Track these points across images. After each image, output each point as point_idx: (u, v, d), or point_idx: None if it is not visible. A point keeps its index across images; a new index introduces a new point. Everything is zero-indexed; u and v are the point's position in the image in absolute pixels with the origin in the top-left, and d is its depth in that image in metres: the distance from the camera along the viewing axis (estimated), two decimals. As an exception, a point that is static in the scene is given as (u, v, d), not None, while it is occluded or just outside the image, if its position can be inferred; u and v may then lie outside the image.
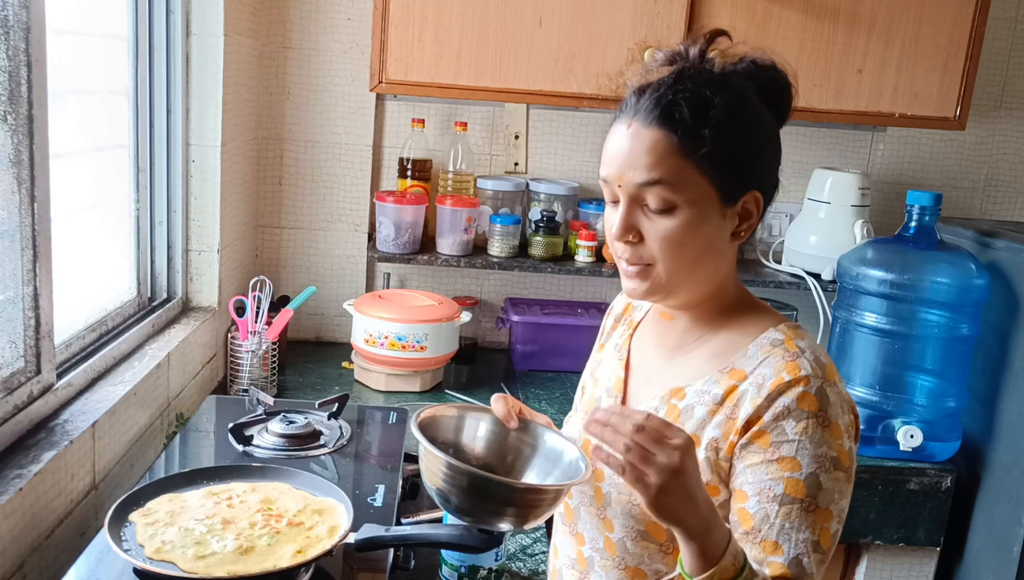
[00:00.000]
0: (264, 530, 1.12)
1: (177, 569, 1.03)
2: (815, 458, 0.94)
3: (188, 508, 1.16)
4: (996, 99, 2.36)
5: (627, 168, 0.97)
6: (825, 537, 0.95)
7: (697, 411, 1.01)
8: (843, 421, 0.96)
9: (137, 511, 1.15)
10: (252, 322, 1.93)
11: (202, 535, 1.10)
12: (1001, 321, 1.89)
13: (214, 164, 1.87)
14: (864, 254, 1.95)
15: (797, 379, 0.95)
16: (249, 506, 1.18)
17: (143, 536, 1.09)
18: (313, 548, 1.09)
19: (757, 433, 0.96)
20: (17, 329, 1.24)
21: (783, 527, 0.93)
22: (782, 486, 0.94)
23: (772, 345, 1.00)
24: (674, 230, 0.97)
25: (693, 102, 0.95)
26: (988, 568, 1.89)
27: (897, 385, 1.91)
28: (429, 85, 2.01)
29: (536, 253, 2.23)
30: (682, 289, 1.02)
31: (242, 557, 1.06)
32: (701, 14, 1.97)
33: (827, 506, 0.95)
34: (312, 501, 1.21)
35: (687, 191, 0.95)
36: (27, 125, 1.21)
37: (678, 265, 0.99)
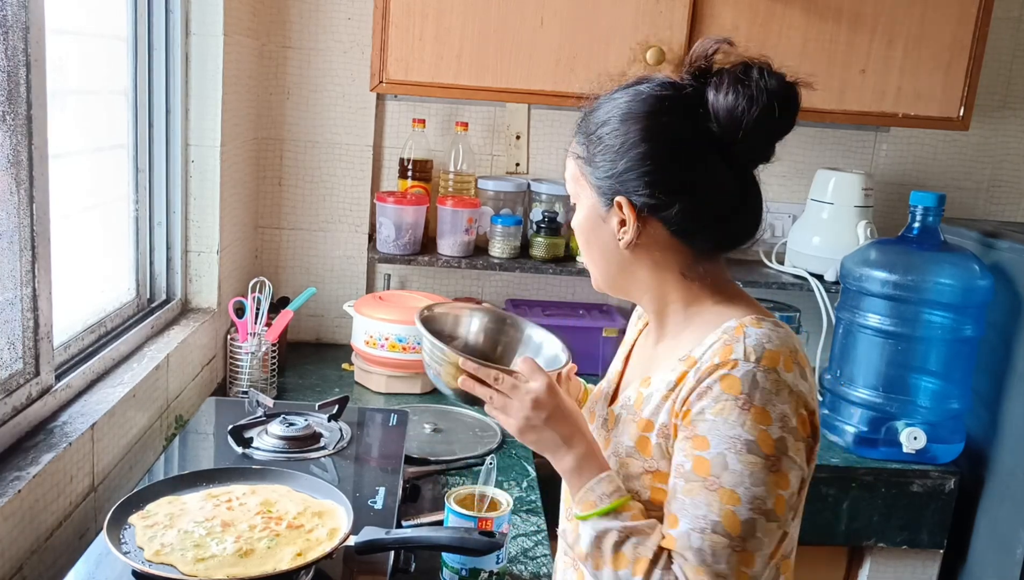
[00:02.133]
0: (264, 533, 1.11)
1: (177, 572, 1.03)
2: (725, 439, 0.94)
3: (187, 510, 1.16)
4: (1000, 99, 2.36)
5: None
6: (731, 521, 0.92)
7: (654, 398, 1.04)
8: (776, 410, 0.93)
9: (136, 514, 1.14)
10: (252, 323, 1.92)
11: (201, 538, 1.09)
12: (1005, 322, 1.88)
13: (213, 164, 1.87)
14: (867, 255, 1.94)
15: (725, 362, 0.96)
16: (249, 508, 1.17)
17: (142, 538, 1.09)
18: (313, 551, 1.08)
19: (684, 413, 0.99)
20: (16, 330, 1.23)
21: (683, 503, 0.95)
22: (690, 463, 0.96)
23: (724, 332, 1.00)
24: (575, 223, 1.09)
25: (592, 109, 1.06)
26: (991, 570, 1.88)
27: (900, 387, 1.90)
28: (430, 85, 2.00)
29: (537, 254, 2.22)
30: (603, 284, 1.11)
31: (242, 560, 1.06)
32: (704, 14, 1.96)
33: (732, 487, 0.92)
34: (312, 504, 1.20)
35: (578, 191, 1.07)
36: (26, 125, 1.20)
37: (592, 266, 1.10)
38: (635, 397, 1.08)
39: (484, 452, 1.78)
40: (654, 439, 1.02)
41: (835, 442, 1.95)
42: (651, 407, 1.04)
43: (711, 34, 1.96)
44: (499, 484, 1.46)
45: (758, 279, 2.22)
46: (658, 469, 1.02)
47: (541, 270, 2.20)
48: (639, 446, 1.04)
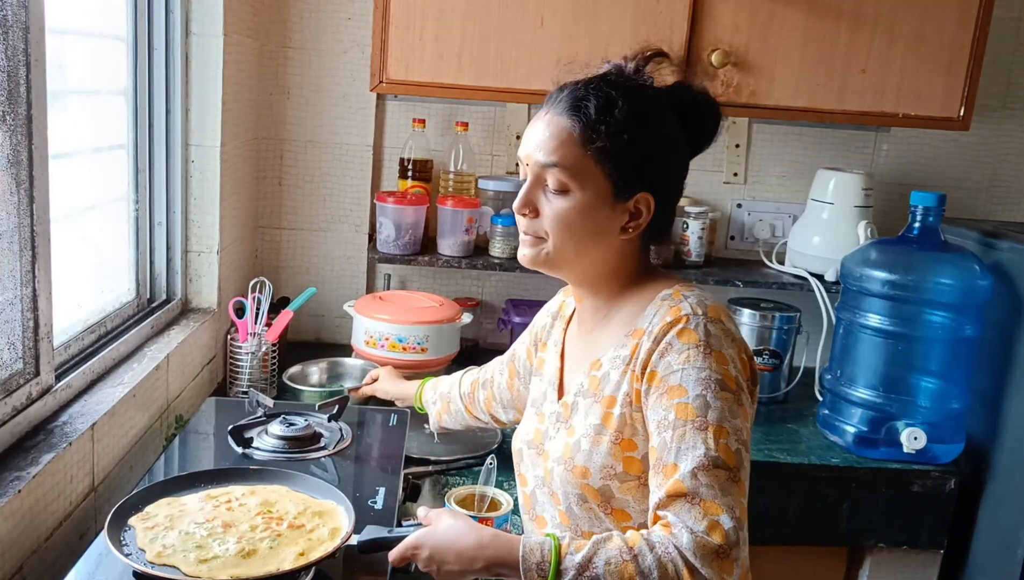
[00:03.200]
0: (265, 533, 1.11)
1: (180, 573, 1.02)
2: (699, 381, 1.00)
3: (187, 512, 1.16)
4: (1000, 99, 2.36)
5: (535, 149, 1.10)
6: (726, 453, 0.97)
7: (612, 375, 1.11)
8: (728, 353, 1.03)
9: (136, 515, 1.14)
10: (252, 323, 1.92)
11: (203, 539, 1.09)
12: (1005, 322, 1.88)
13: (213, 164, 1.87)
14: (867, 255, 1.94)
15: (677, 318, 1.05)
16: (249, 509, 1.17)
17: (143, 540, 1.09)
18: (315, 550, 1.08)
19: (650, 375, 1.04)
20: (16, 331, 1.23)
21: (679, 449, 0.98)
22: (673, 413, 1.00)
23: (662, 300, 1.10)
24: (565, 211, 1.09)
25: (600, 100, 1.07)
26: (992, 571, 1.88)
27: (901, 387, 1.90)
28: (430, 85, 2.00)
29: (537, 254, 2.22)
30: (567, 266, 1.14)
31: (244, 560, 1.06)
32: (704, 14, 1.96)
33: (719, 423, 0.98)
34: (312, 504, 1.20)
35: (581, 178, 1.07)
36: (26, 125, 1.20)
37: (565, 243, 1.11)
38: (588, 382, 1.14)
39: (484, 452, 1.77)
40: (617, 411, 1.08)
41: (835, 442, 1.95)
42: (611, 384, 1.10)
43: (711, 34, 1.98)
44: (499, 484, 1.46)
45: (758, 279, 2.22)
46: (623, 437, 1.08)
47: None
48: (604, 421, 1.10)
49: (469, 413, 1.57)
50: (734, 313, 2.14)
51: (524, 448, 1.26)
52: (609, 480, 1.09)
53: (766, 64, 2.00)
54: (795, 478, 1.84)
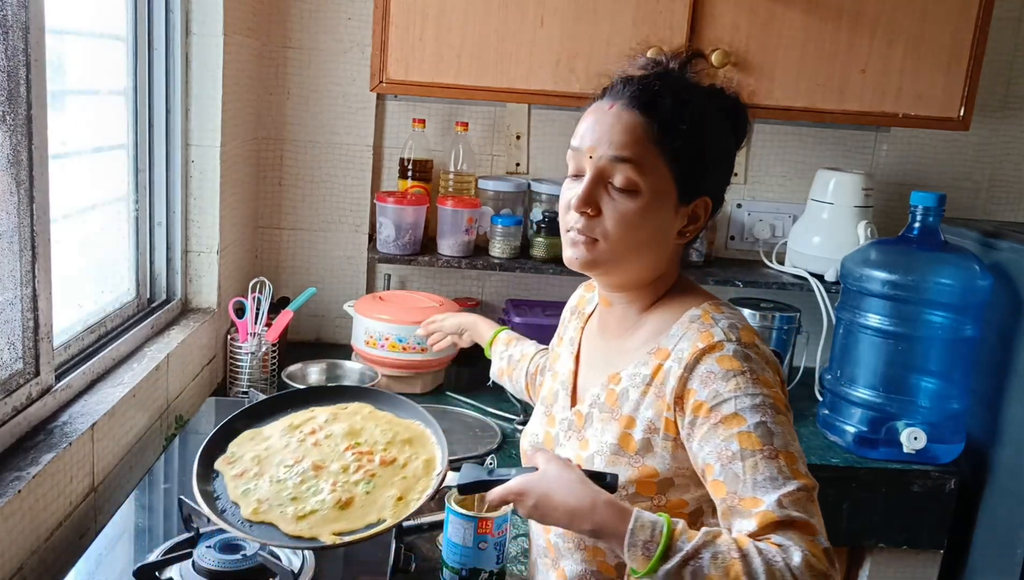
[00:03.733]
0: (358, 475, 1.07)
1: (279, 534, 0.99)
2: (755, 408, 0.96)
3: (273, 450, 1.10)
4: (1000, 99, 2.36)
5: (602, 143, 1.04)
6: (803, 478, 0.94)
7: (631, 394, 1.06)
8: (769, 376, 1.00)
9: (221, 458, 1.10)
10: (252, 324, 1.92)
11: (296, 487, 1.04)
12: (1005, 322, 1.88)
13: (214, 164, 1.86)
14: (867, 255, 1.94)
15: (712, 345, 1.00)
16: (336, 442, 1.12)
17: (235, 492, 1.04)
18: (413, 491, 1.04)
19: (697, 405, 0.99)
20: (16, 331, 1.23)
21: (755, 481, 0.93)
22: (736, 443, 0.95)
23: (691, 321, 1.05)
24: (631, 211, 1.03)
25: (675, 98, 1.03)
26: (992, 571, 1.88)
27: (900, 387, 1.90)
28: (430, 85, 2.00)
29: (537, 254, 2.22)
30: (620, 269, 1.08)
31: (343, 512, 1.02)
32: (704, 14, 1.96)
33: (786, 448, 0.95)
34: (398, 427, 1.15)
35: (652, 178, 1.03)
36: (26, 125, 1.20)
37: (626, 245, 1.05)
38: (605, 395, 1.10)
39: (484, 452, 1.77)
40: (638, 435, 1.04)
41: (835, 442, 1.95)
42: (630, 403, 1.06)
43: (711, 34, 1.98)
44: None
45: (758, 279, 2.22)
46: (644, 463, 1.04)
47: (541, 270, 2.19)
48: (622, 443, 1.06)
49: (528, 393, 1.53)
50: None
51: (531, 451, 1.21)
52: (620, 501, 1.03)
53: (766, 64, 2.00)
54: (795, 478, 1.84)
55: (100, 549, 1.15)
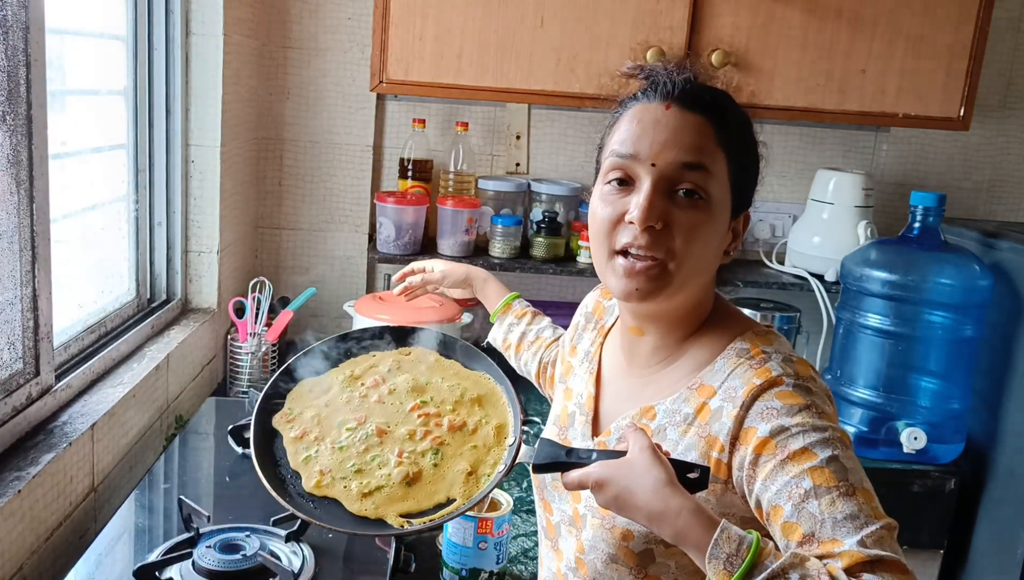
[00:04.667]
0: (426, 443, 1.01)
1: (343, 513, 0.95)
2: (826, 443, 0.88)
3: (334, 407, 1.05)
4: (1000, 99, 2.36)
5: (667, 148, 0.92)
6: (878, 514, 0.85)
7: (670, 432, 0.97)
8: (829, 409, 0.93)
9: (279, 415, 1.04)
10: (252, 324, 1.92)
11: (360, 457, 0.99)
12: (1005, 322, 1.88)
13: (214, 164, 1.86)
14: (868, 255, 1.94)
15: (772, 381, 0.92)
16: (400, 398, 1.06)
17: (295, 458, 0.99)
18: (483, 464, 0.99)
19: (760, 443, 0.90)
20: (16, 331, 1.23)
21: (835, 520, 0.84)
22: (808, 480, 0.86)
23: (738, 356, 0.96)
24: (702, 223, 0.93)
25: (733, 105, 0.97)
26: (992, 571, 1.88)
27: (901, 387, 1.90)
28: (430, 85, 2.00)
29: (538, 254, 2.22)
30: (683, 293, 0.97)
31: (410, 490, 0.97)
32: (704, 14, 1.96)
33: (861, 484, 0.87)
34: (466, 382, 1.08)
35: (717, 187, 0.94)
36: (26, 125, 1.20)
37: (694, 263, 0.94)
38: None
39: (484, 452, 1.77)
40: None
41: (835, 442, 1.95)
42: (669, 443, 0.97)
43: (711, 34, 1.98)
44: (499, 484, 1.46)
45: (758, 279, 2.22)
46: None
47: (541, 270, 2.19)
48: None
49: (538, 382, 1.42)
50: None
51: (547, 477, 1.12)
52: (653, 545, 0.97)
53: (766, 64, 2.00)
54: (795, 478, 1.84)
55: (100, 549, 1.15)
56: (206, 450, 1.47)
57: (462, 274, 1.51)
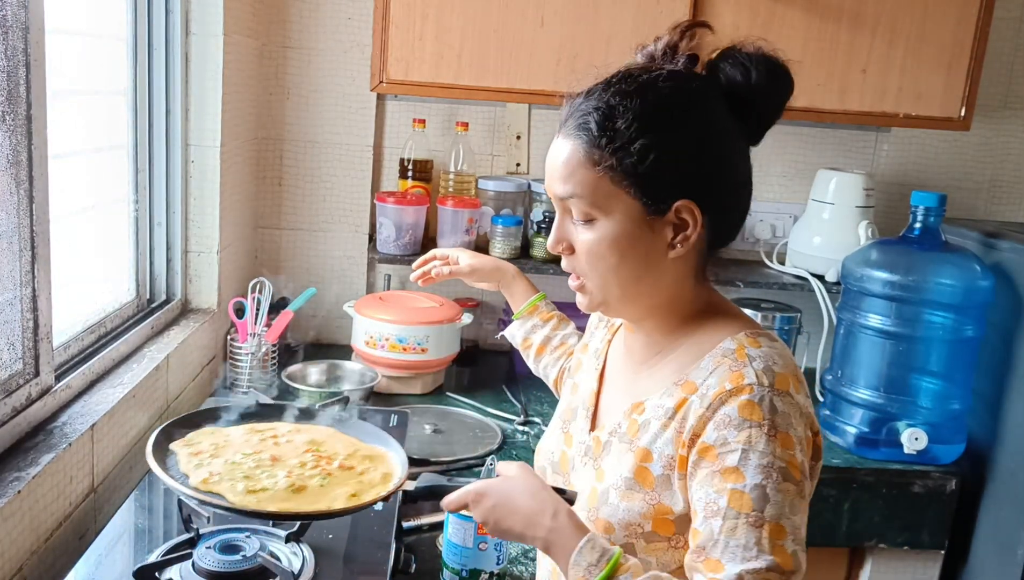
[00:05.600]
0: (315, 471, 1.06)
1: (225, 501, 0.98)
2: (760, 468, 0.87)
3: (232, 442, 1.10)
4: (1001, 99, 2.35)
5: (551, 180, 0.99)
6: (783, 557, 0.85)
7: (652, 425, 0.99)
8: (795, 433, 0.90)
9: (179, 441, 1.09)
10: (252, 324, 1.92)
11: (251, 470, 1.03)
12: (1006, 323, 1.88)
13: (213, 164, 1.86)
14: (868, 255, 1.94)
15: (739, 388, 0.91)
16: (296, 446, 1.12)
17: (187, 465, 1.04)
18: (368, 493, 1.03)
19: (703, 447, 0.91)
20: (15, 331, 1.23)
21: (727, 544, 0.86)
22: (725, 499, 0.87)
23: (724, 355, 0.96)
24: (594, 243, 0.96)
25: (604, 111, 0.94)
26: (992, 571, 1.88)
27: (901, 387, 1.90)
28: (430, 85, 2.00)
29: (538, 254, 2.22)
30: (619, 303, 1.00)
31: (294, 495, 1.01)
32: (704, 13, 1.96)
33: (777, 520, 0.86)
34: (361, 447, 1.15)
35: (603, 203, 0.94)
36: (26, 126, 1.20)
37: (606, 279, 0.98)
38: (627, 424, 1.02)
39: (484, 453, 1.77)
40: (656, 470, 0.97)
41: (836, 443, 1.95)
42: (649, 435, 0.98)
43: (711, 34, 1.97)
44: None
45: (759, 279, 2.22)
46: (660, 501, 0.96)
47: (542, 270, 2.19)
48: (639, 478, 0.98)
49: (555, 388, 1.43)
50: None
51: (548, 469, 1.16)
52: (634, 539, 0.98)
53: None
54: (796, 479, 1.84)
55: (100, 549, 1.15)
56: (206, 450, 1.47)
57: (491, 268, 1.49)
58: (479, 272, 1.48)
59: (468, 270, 1.47)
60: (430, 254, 1.52)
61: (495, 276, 1.48)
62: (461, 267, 1.47)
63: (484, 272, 1.48)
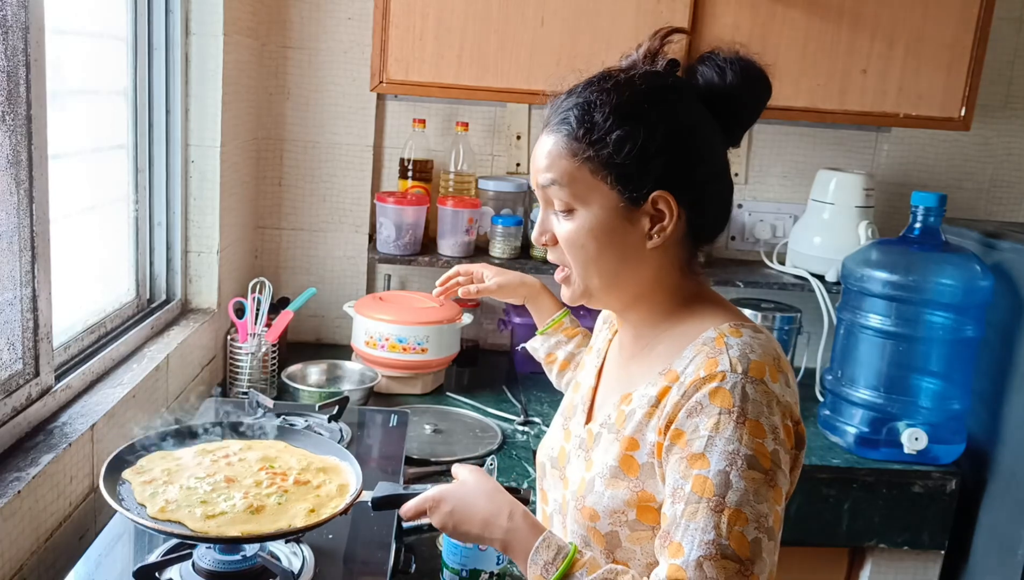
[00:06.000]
0: (271, 489, 1.07)
1: (186, 529, 0.98)
2: (724, 455, 0.89)
3: (184, 466, 1.11)
4: (1001, 99, 2.35)
5: (535, 172, 1.03)
6: (740, 543, 0.86)
7: (637, 414, 1.01)
8: (768, 421, 0.91)
9: (130, 469, 1.10)
10: (252, 324, 1.92)
11: (207, 494, 1.04)
12: (1006, 323, 1.88)
13: (213, 165, 1.86)
14: (868, 255, 1.94)
15: (712, 375, 0.93)
16: (250, 464, 1.13)
17: (141, 495, 1.04)
18: (326, 507, 1.04)
19: (675, 433, 0.93)
20: (15, 331, 1.23)
21: (687, 527, 0.87)
22: (689, 484, 0.89)
23: (704, 344, 0.98)
24: (573, 232, 1.00)
25: (583, 106, 0.99)
26: (992, 571, 1.88)
27: (901, 387, 1.90)
28: (430, 85, 2.00)
29: (538, 255, 2.22)
30: (601, 293, 1.04)
31: (254, 516, 1.01)
32: (704, 13, 1.96)
33: (738, 507, 0.87)
34: (313, 459, 1.16)
35: (582, 193, 0.99)
36: (26, 126, 1.20)
37: (586, 268, 1.01)
38: (616, 415, 1.05)
39: (484, 453, 1.77)
40: (642, 458, 0.98)
41: (836, 443, 1.95)
42: (634, 424, 1.00)
43: (712, 34, 1.98)
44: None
45: (759, 279, 2.22)
46: (644, 489, 0.98)
47: (542, 270, 2.19)
48: (623, 466, 1.00)
49: None
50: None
51: (547, 464, 1.18)
52: (618, 527, 1.00)
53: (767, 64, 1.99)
54: (796, 479, 1.84)
55: (100, 550, 1.15)
56: (206, 450, 1.47)
57: (516, 283, 1.49)
58: (505, 289, 1.48)
59: (495, 287, 1.48)
60: (453, 271, 1.51)
61: (521, 291, 1.49)
62: (489, 285, 1.48)
63: (511, 288, 1.49)
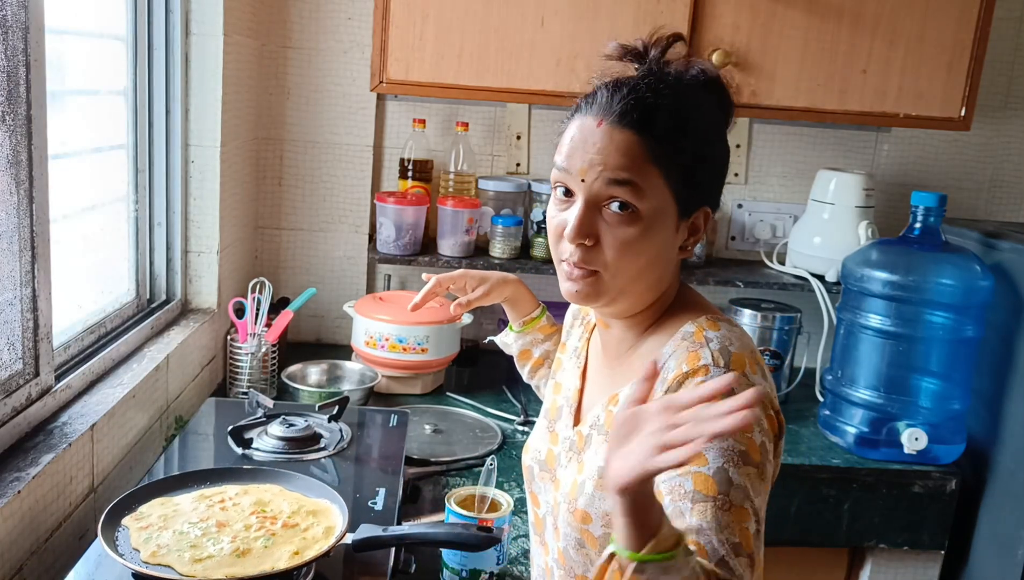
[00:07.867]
0: (259, 532, 1.12)
1: (175, 572, 1.03)
2: (721, 451, 0.88)
3: (181, 512, 1.16)
4: (1001, 99, 2.35)
5: (595, 165, 0.95)
6: (745, 539, 0.86)
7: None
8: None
9: (129, 516, 1.14)
10: (252, 324, 1.92)
11: (197, 538, 1.09)
12: (1006, 323, 1.88)
13: (213, 165, 1.86)
14: (868, 255, 1.94)
15: (695, 369, 0.92)
16: (243, 508, 1.18)
17: (137, 540, 1.09)
18: (310, 549, 1.09)
19: None
20: (15, 331, 1.23)
21: (700, 527, 0.87)
22: (691, 482, 0.88)
23: (683, 338, 0.98)
24: (633, 237, 0.95)
25: (671, 111, 0.95)
26: (993, 572, 1.88)
27: (901, 387, 1.90)
28: (430, 85, 2.00)
29: (538, 254, 2.22)
30: (625, 298, 1.01)
31: (239, 559, 1.06)
32: (704, 13, 1.96)
33: (741, 504, 0.87)
34: (306, 503, 1.21)
35: (651, 199, 0.94)
36: (25, 126, 1.20)
37: (628, 274, 0.97)
38: (604, 416, 1.05)
39: (485, 453, 1.77)
40: None
41: (836, 443, 1.95)
42: None
43: (712, 34, 1.98)
44: (499, 485, 1.46)
45: (759, 280, 2.22)
46: None
47: (542, 270, 2.19)
48: None
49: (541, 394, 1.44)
50: (735, 314, 2.14)
51: (536, 467, 1.18)
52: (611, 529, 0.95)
53: (767, 64, 1.99)
54: (796, 479, 1.84)
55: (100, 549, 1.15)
56: (206, 451, 1.47)
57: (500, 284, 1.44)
58: (492, 293, 1.44)
59: (483, 294, 1.43)
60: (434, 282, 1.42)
61: (506, 291, 1.45)
62: (477, 295, 1.42)
63: (497, 291, 1.44)
